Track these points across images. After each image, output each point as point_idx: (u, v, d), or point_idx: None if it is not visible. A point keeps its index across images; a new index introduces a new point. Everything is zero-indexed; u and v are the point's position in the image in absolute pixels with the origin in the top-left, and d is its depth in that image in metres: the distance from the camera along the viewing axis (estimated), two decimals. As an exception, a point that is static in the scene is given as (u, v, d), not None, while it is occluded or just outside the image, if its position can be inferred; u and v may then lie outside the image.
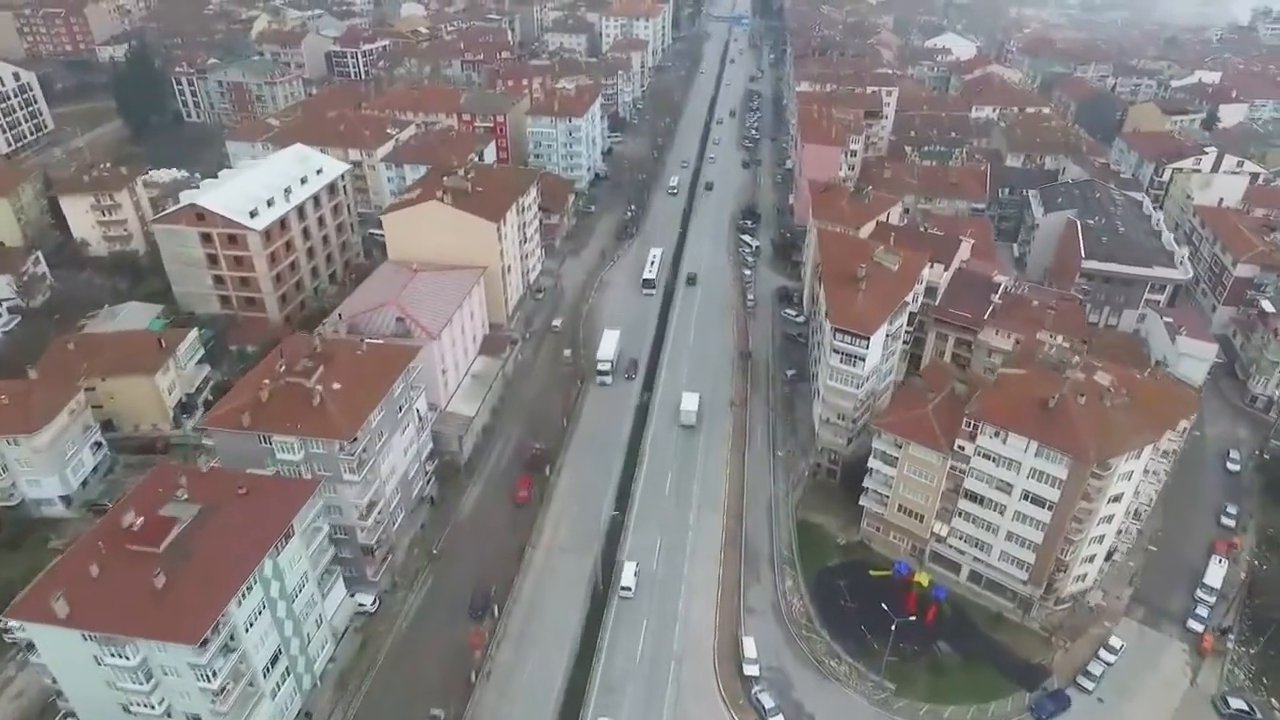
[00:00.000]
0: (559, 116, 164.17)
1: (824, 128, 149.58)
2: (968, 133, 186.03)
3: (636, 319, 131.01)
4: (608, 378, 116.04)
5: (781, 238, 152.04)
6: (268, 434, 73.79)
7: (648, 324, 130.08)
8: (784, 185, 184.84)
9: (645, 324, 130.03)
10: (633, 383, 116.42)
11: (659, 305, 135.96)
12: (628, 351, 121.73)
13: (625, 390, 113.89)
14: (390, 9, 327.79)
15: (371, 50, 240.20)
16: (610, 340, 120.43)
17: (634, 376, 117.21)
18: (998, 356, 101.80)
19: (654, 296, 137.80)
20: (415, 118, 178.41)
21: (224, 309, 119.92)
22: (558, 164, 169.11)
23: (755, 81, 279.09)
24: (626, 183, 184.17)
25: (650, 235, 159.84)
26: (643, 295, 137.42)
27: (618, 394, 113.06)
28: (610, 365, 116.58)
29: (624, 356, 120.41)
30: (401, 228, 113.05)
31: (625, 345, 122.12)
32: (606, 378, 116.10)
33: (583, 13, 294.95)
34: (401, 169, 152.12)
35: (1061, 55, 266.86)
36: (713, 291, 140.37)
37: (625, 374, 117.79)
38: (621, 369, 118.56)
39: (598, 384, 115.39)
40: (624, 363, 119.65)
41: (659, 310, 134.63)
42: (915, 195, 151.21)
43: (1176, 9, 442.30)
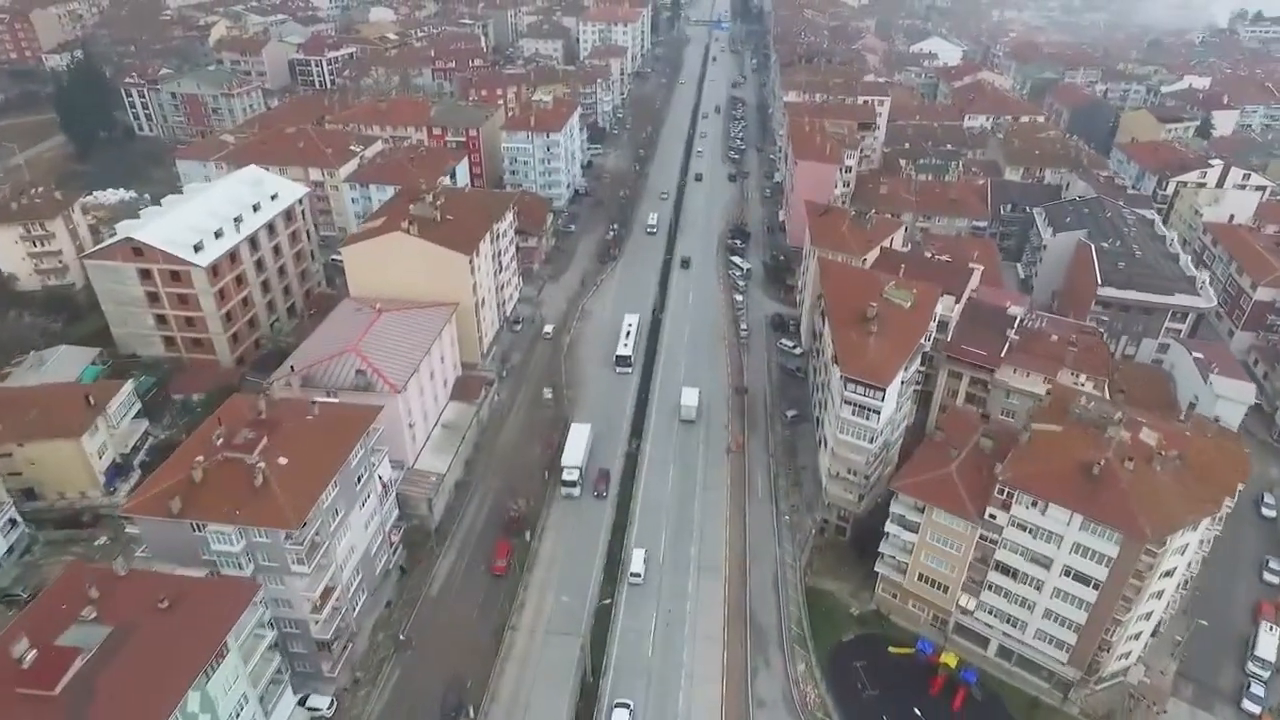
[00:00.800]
0: (535, 132, 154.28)
1: (817, 143, 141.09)
2: (962, 143, 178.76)
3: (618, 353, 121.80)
4: (575, 489, 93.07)
5: (774, 260, 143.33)
6: (201, 522, 63.52)
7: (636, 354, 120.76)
8: (773, 200, 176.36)
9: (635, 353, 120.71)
10: (615, 457, 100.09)
11: (646, 335, 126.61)
12: (604, 444, 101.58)
13: (613, 433, 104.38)
14: (359, 14, 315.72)
15: (337, 58, 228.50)
16: (578, 439, 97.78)
17: (605, 494, 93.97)
18: (1016, 397, 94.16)
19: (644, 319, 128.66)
20: (382, 132, 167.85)
21: (169, 351, 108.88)
22: (535, 181, 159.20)
23: (738, 88, 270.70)
24: (608, 199, 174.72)
25: (633, 258, 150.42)
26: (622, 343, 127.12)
27: (604, 438, 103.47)
28: (579, 473, 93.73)
29: (598, 456, 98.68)
30: (363, 261, 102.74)
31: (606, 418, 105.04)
32: (574, 489, 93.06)
33: (559, 17, 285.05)
34: (367, 189, 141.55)
35: (1049, 60, 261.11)
36: (703, 319, 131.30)
37: (595, 491, 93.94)
38: (591, 480, 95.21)
39: (563, 495, 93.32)
40: (596, 470, 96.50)
41: (646, 340, 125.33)
42: (913, 213, 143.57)
43: (1155, 12, 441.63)
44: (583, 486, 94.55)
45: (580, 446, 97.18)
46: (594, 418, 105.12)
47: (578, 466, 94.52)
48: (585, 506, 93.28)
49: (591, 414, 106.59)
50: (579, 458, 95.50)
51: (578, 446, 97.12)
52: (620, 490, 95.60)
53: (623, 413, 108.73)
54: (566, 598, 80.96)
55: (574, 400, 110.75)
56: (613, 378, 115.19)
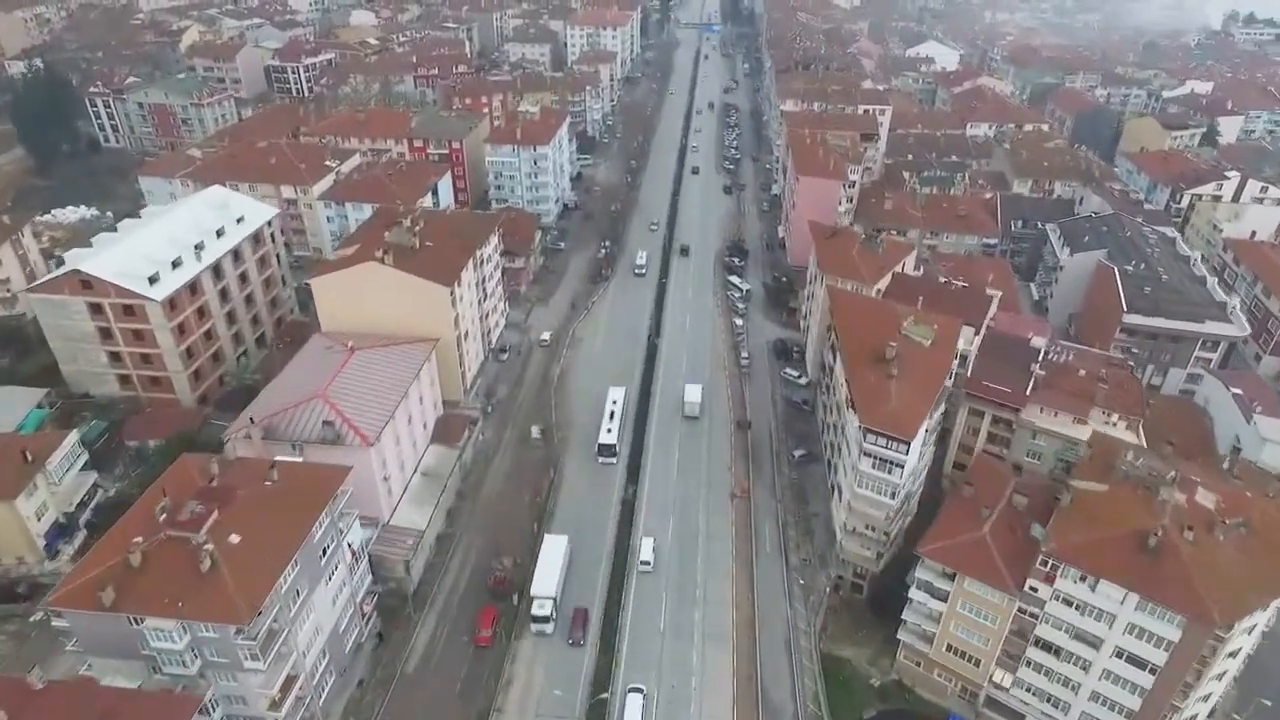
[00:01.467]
0: (521, 145, 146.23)
1: (819, 157, 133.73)
2: (966, 153, 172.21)
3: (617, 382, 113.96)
4: (547, 626, 75.00)
5: (776, 281, 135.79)
6: (138, 616, 55.35)
7: (632, 380, 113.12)
8: (771, 214, 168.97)
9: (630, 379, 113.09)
10: (609, 506, 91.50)
11: (641, 364, 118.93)
12: None
13: (606, 479, 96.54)
14: (339, 17, 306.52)
15: (315, 65, 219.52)
16: (551, 558, 78.86)
17: (582, 643, 75.16)
18: (1043, 438, 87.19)
19: (639, 345, 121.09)
20: (360, 144, 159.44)
21: (125, 390, 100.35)
22: (521, 197, 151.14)
23: (730, 93, 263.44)
24: (599, 213, 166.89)
25: (626, 278, 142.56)
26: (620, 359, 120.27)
27: (598, 485, 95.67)
28: (551, 605, 75.36)
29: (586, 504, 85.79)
30: (335, 294, 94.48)
31: None
32: (545, 625, 74.98)
33: (545, 21, 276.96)
34: (343, 207, 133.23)
35: (1049, 65, 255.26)
36: (701, 344, 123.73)
37: (570, 638, 75.12)
38: (566, 618, 76.46)
39: (533, 632, 75.67)
40: (576, 602, 78.20)
41: (642, 369, 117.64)
42: (920, 230, 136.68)
43: (1148, 13, 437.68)
44: (557, 623, 75.98)
45: (554, 569, 78.00)
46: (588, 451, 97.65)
47: (550, 597, 75.54)
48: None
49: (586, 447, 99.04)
50: (552, 585, 76.40)
51: (551, 569, 77.80)
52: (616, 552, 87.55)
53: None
54: (559, 691, 72.47)
55: (565, 440, 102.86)
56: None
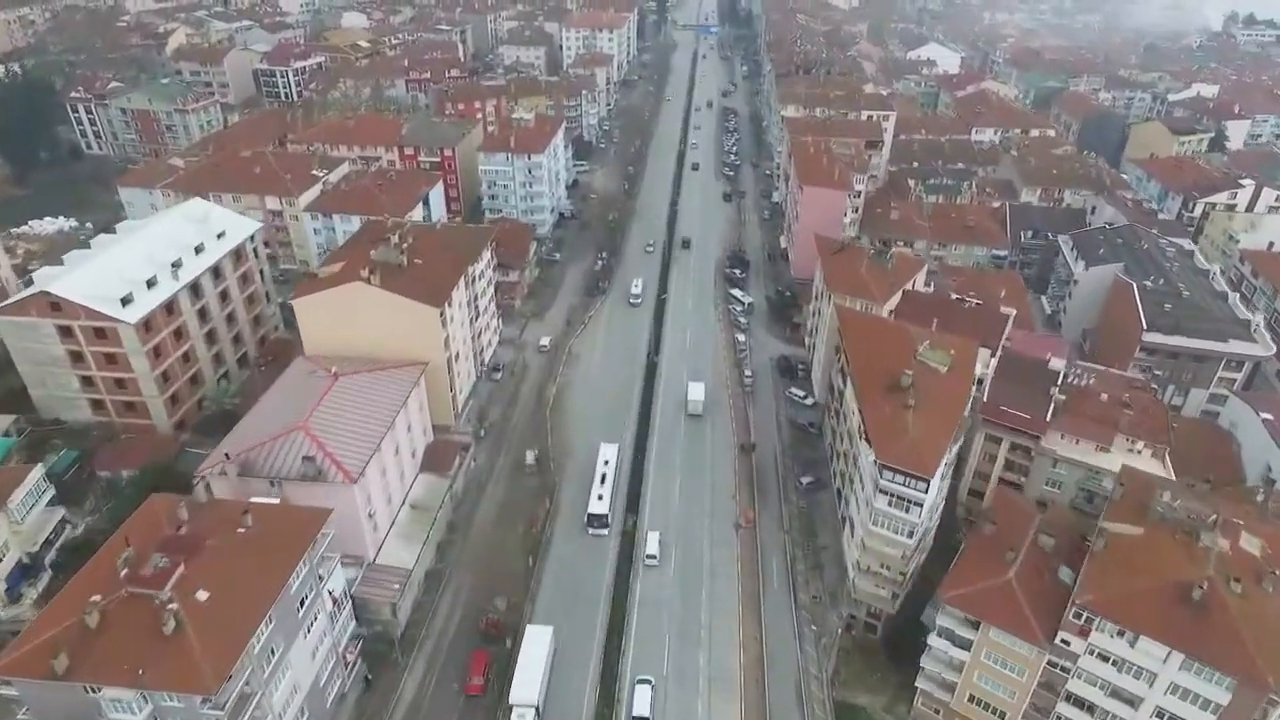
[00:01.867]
0: (516, 153, 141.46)
1: (824, 167, 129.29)
2: (972, 159, 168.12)
3: (615, 402, 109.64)
4: None
5: (779, 295, 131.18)
6: (95, 685, 50.62)
7: (630, 400, 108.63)
8: (772, 222, 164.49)
9: (628, 400, 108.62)
10: (608, 539, 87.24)
11: (640, 381, 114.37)
12: None
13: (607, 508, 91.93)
14: (331, 18, 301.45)
15: (304, 68, 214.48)
16: (534, 653, 69.30)
17: None
18: (1064, 467, 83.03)
19: (637, 363, 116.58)
20: (349, 152, 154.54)
21: (98, 415, 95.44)
22: (515, 207, 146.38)
23: (729, 97, 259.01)
24: (595, 222, 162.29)
25: (624, 291, 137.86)
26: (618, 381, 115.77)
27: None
28: (534, 716, 65.96)
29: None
30: (319, 315, 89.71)
31: None
32: None
33: (540, 23, 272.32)
34: (330, 219, 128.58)
35: (1052, 68, 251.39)
36: (702, 361, 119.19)
37: None
38: None
39: None
40: (563, 712, 68.52)
41: (641, 387, 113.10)
42: (927, 241, 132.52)
43: (1147, 14, 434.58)
44: None
45: (536, 669, 67.98)
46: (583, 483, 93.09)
47: (532, 705, 65.73)
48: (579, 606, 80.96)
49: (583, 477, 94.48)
50: (534, 690, 66.29)
51: (533, 669, 67.83)
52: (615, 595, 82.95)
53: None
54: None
55: (561, 465, 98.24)
56: (602, 435, 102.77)
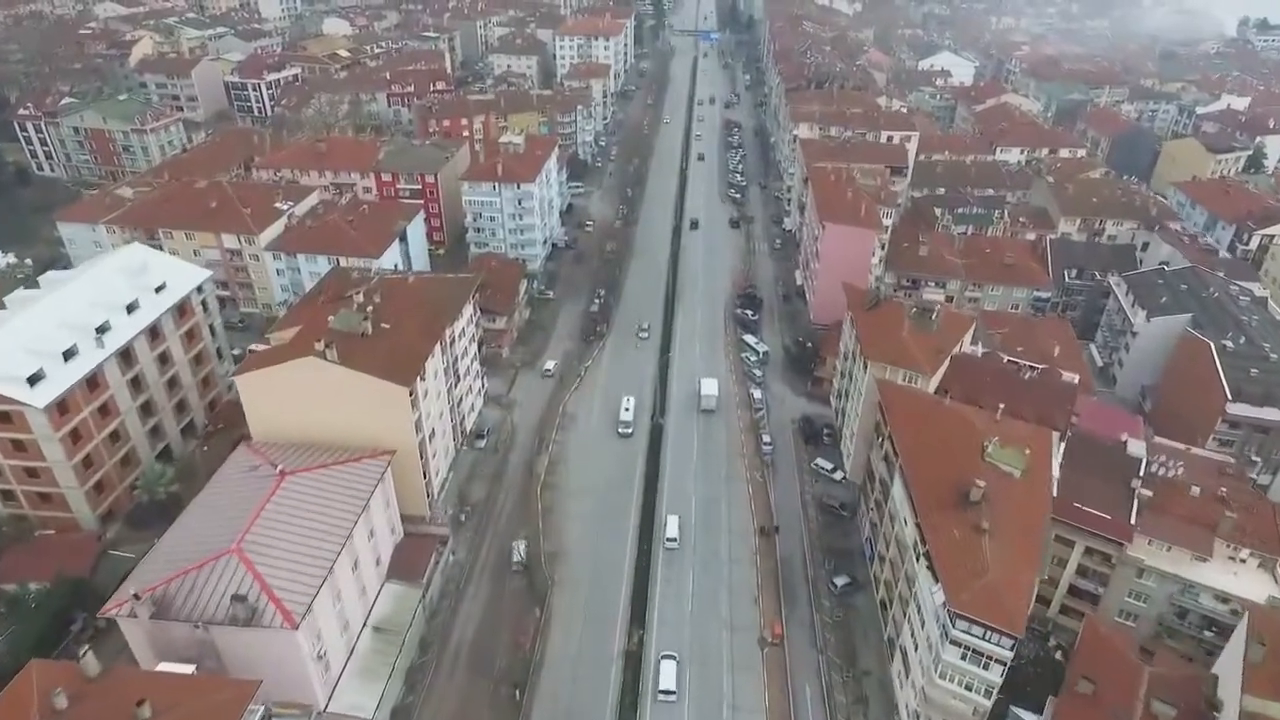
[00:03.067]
0: (503, 182, 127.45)
1: (848, 201, 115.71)
2: (999, 183, 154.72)
3: (615, 473, 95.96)
4: None
5: (798, 345, 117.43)
6: None
7: (632, 474, 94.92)
8: (784, 253, 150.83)
9: (629, 473, 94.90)
10: (608, 662, 73.43)
11: (644, 454, 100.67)
12: None
13: (605, 625, 77.98)
14: (312, 24, 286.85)
15: (278, 81, 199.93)
16: None
17: None
18: (1151, 578, 69.82)
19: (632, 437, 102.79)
20: (321, 178, 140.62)
21: (8, 506, 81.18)
22: (503, 240, 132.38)
23: (732, 108, 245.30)
24: (592, 253, 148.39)
25: (624, 334, 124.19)
26: (620, 434, 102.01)
27: (594, 634, 77.15)
28: None
29: None
30: (266, 395, 75.71)
31: None
32: None
33: (533, 30, 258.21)
34: (295, 259, 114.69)
35: (1072, 78, 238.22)
36: (714, 423, 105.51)
37: None
38: None
39: None
40: None
41: (645, 459, 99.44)
42: (961, 281, 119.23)
43: (1157, 19, 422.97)
44: None
45: None
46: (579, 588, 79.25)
47: None
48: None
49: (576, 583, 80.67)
50: None
51: None
52: (620, 719, 69.44)
53: (620, 580, 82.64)
54: None
55: (554, 559, 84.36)
56: (609, 504, 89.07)
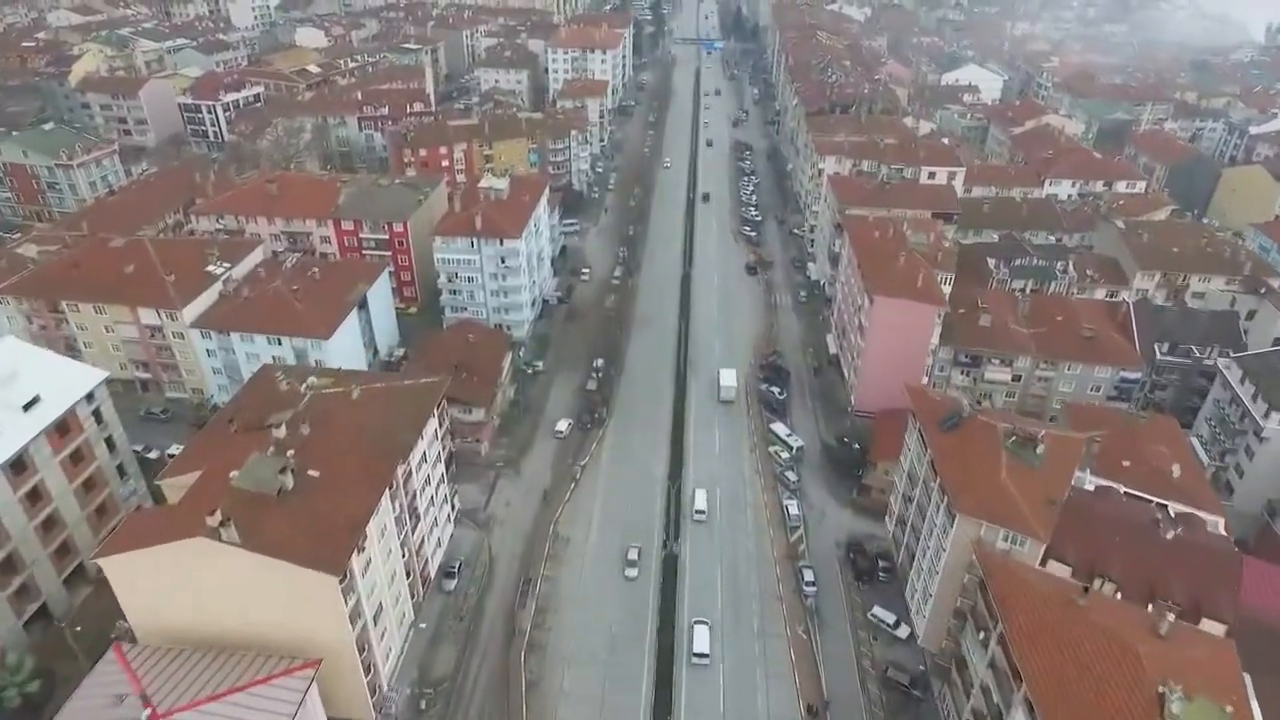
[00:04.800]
0: (484, 237, 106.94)
1: (900, 268, 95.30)
2: (1054, 224, 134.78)
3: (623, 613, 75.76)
4: None
5: (841, 443, 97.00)
6: None
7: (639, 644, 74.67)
8: (811, 308, 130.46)
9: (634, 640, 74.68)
10: None
11: (655, 590, 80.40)
12: None
13: None
14: (285, 33, 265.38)
15: (237, 102, 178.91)
16: None
17: None
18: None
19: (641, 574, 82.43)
20: (271, 227, 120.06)
21: None
22: (484, 304, 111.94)
23: (740, 126, 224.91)
24: (589, 310, 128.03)
25: (629, 418, 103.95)
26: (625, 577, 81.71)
27: None
28: None
29: None
30: (144, 581, 55.28)
31: None
32: None
33: (523, 40, 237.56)
34: (227, 338, 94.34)
35: (1111, 94, 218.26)
36: (738, 547, 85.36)
37: None
38: None
39: None
40: None
41: (656, 598, 79.26)
42: (1031, 359, 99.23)
43: (1179, 25, 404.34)
44: None
45: None
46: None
47: None
48: None
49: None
50: None
51: None
52: None
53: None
54: None
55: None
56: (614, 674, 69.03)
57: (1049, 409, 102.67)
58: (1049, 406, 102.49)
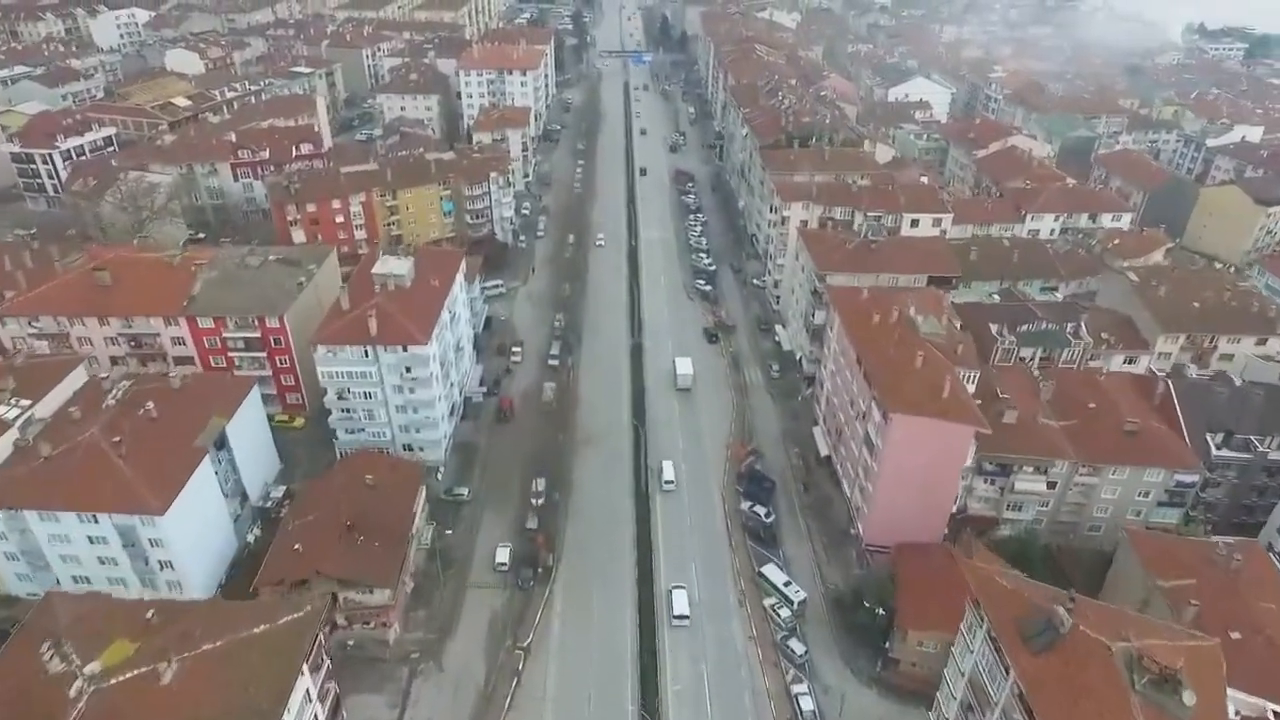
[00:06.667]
0: (381, 345, 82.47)
1: (917, 373, 75.33)
2: (1050, 271, 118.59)
3: None
4: None
5: (857, 603, 76.02)
6: None
7: None
8: (786, 385, 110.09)
9: None
10: None
11: None
12: None
13: None
14: (155, 56, 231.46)
15: (81, 148, 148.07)
16: None
17: None
18: None
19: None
20: (105, 328, 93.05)
21: None
22: (385, 424, 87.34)
23: (679, 151, 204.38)
24: (523, 407, 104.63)
25: (580, 567, 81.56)
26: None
27: None
28: None
29: None
30: None
31: None
32: None
33: (432, 60, 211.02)
34: (18, 516, 68.21)
35: (1065, 107, 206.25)
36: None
37: None
38: None
39: None
40: None
41: None
42: (1069, 463, 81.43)
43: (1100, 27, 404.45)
44: None
45: None
46: None
47: None
48: None
49: None
50: None
51: None
52: None
53: None
54: None
55: None
56: None
57: (1088, 520, 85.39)
58: (1088, 517, 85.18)
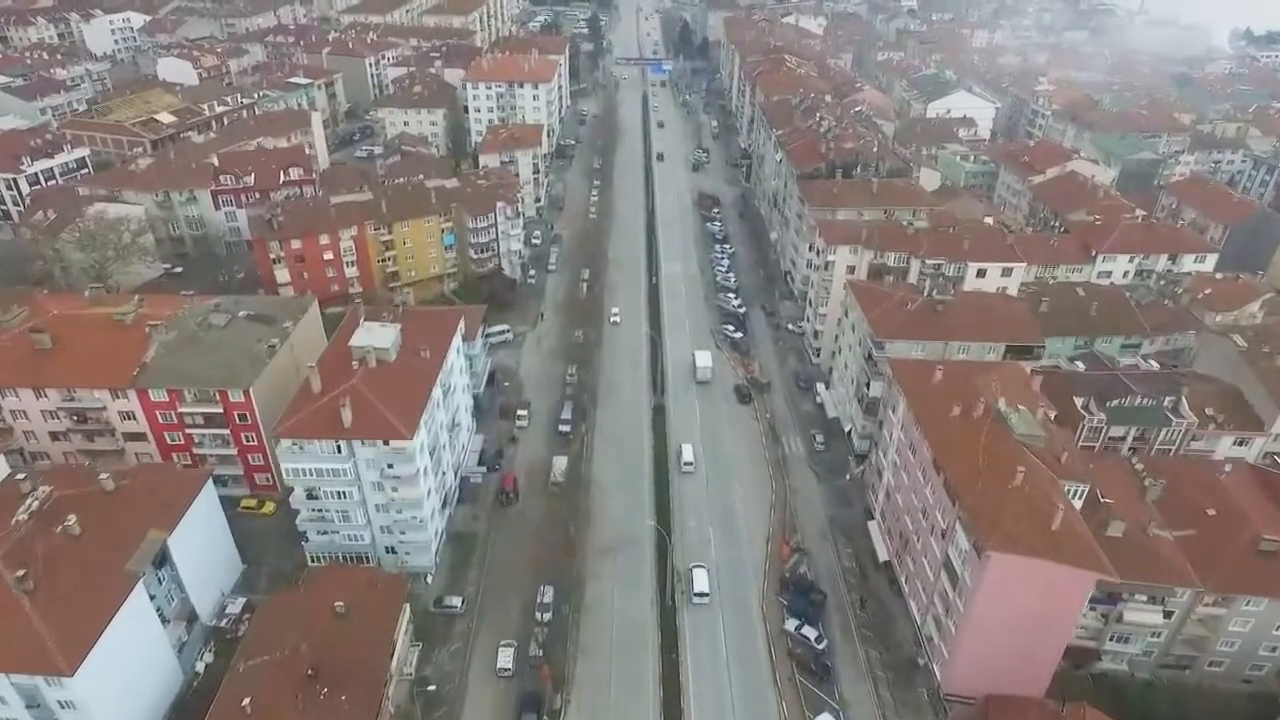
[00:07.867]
0: (356, 440, 68.41)
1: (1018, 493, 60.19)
2: (1133, 327, 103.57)
3: None
4: None
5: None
6: None
7: None
8: (831, 457, 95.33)
9: None
10: None
11: None
12: None
13: None
14: (149, 63, 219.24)
15: (51, 171, 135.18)
16: None
17: None
18: None
19: None
20: (43, 400, 79.78)
21: None
22: (363, 529, 73.25)
23: (702, 170, 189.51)
24: (529, 488, 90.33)
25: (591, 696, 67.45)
26: None
27: None
28: None
29: None
30: None
31: None
32: None
33: (439, 70, 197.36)
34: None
35: (1122, 124, 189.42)
36: None
37: None
38: None
39: None
40: None
41: None
42: (1189, 593, 66.56)
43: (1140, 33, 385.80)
44: None
45: None
46: None
47: None
48: None
49: None
50: None
51: None
52: None
53: None
54: None
55: None
56: None
57: (1209, 655, 70.42)
58: (1210, 651, 70.20)
